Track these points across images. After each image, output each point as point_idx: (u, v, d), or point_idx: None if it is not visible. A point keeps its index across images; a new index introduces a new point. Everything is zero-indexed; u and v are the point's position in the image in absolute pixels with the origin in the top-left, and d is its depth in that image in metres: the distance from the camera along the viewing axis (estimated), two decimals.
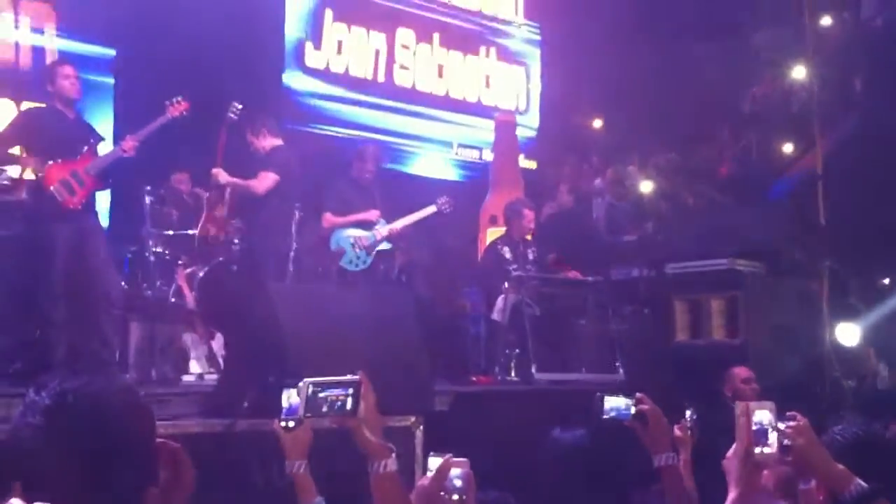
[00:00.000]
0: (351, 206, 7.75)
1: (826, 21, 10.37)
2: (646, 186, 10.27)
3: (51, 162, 5.64)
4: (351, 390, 2.52)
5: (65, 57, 6.37)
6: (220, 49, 8.53)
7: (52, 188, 5.61)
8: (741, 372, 6.27)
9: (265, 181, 6.63)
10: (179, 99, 6.12)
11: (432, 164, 11.38)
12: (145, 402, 1.75)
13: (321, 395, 2.52)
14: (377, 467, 2.48)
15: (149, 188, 6.65)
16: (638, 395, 2.78)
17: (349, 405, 2.51)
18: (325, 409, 2.52)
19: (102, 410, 1.65)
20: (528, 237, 8.07)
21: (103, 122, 7.99)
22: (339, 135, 10.43)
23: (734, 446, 2.34)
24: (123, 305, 5.90)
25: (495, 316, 7.41)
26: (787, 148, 10.86)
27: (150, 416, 1.76)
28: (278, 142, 6.89)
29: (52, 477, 1.58)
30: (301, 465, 2.81)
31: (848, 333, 7.78)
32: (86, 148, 5.85)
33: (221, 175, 6.67)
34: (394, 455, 2.50)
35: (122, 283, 6.32)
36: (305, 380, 2.55)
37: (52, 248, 5.56)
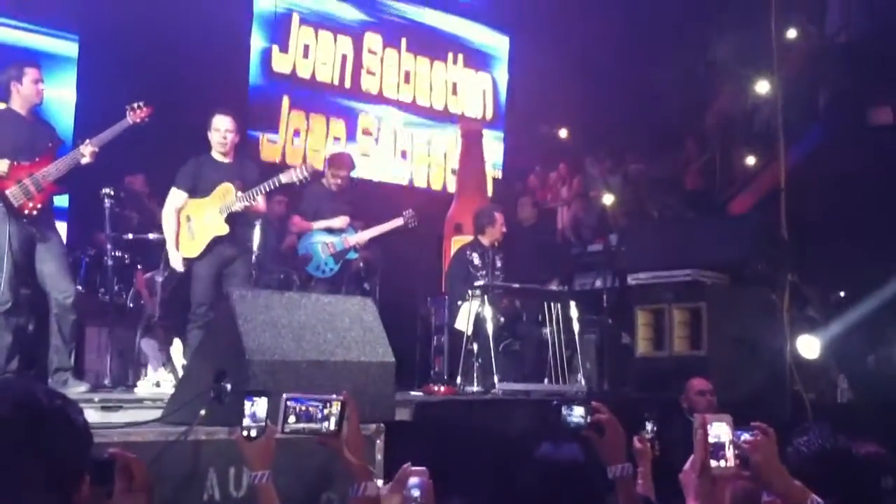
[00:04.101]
0: (321, 212, 7.70)
1: (791, 34, 10.48)
2: (609, 199, 10.31)
3: (9, 164, 5.51)
4: (334, 409, 2.47)
5: (32, 57, 6.20)
6: (186, 50, 8.46)
7: (8, 192, 5.48)
8: (697, 383, 6.30)
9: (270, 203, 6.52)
10: (141, 104, 5.88)
11: (396, 170, 11.35)
12: (82, 421, 1.69)
13: (301, 411, 2.48)
14: (357, 489, 2.44)
15: (108, 191, 6.50)
16: (595, 404, 2.75)
17: (332, 424, 2.47)
18: (305, 426, 2.47)
19: (39, 421, 1.60)
20: (496, 244, 8.05)
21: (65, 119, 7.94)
22: (302, 144, 10.40)
23: (691, 459, 2.32)
24: (79, 310, 5.76)
25: (458, 325, 7.38)
26: (750, 161, 10.96)
27: (85, 435, 1.70)
28: None
29: None
30: (264, 476, 2.76)
31: (809, 346, 7.84)
32: (45, 150, 5.70)
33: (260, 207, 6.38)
34: (375, 479, 2.46)
35: (79, 288, 6.19)
36: (284, 395, 2.51)
37: (3, 252, 5.44)
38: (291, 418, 2.48)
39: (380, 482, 2.67)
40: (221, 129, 6.32)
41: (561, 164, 11.36)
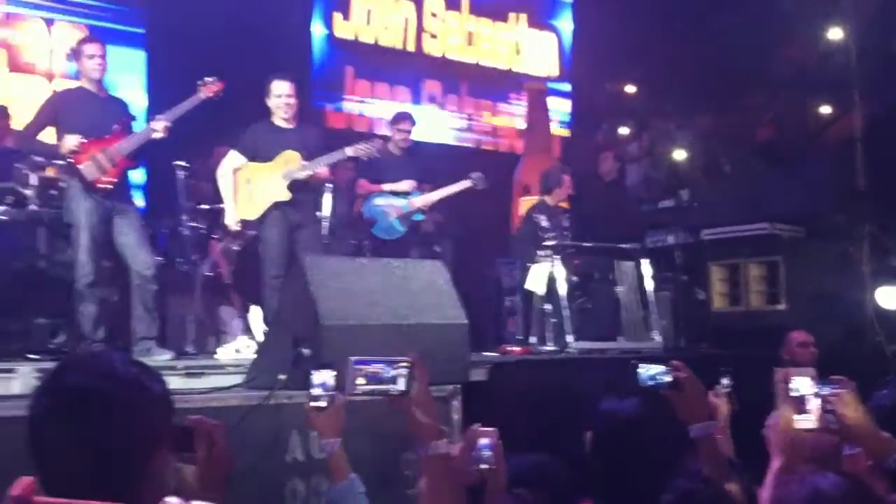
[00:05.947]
0: (385, 175, 7.73)
1: None
2: (680, 154, 10.15)
3: (83, 140, 5.64)
4: (403, 370, 2.49)
5: (93, 34, 6.26)
6: (250, 21, 8.51)
7: (81, 166, 5.60)
8: (798, 336, 6.23)
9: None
10: (213, 79, 5.91)
11: (465, 133, 11.31)
12: (160, 390, 1.73)
13: (368, 373, 2.50)
14: (428, 449, 2.46)
15: (180, 163, 6.61)
16: (674, 362, 2.71)
17: (402, 385, 2.48)
18: (373, 388, 2.50)
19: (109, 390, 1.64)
20: (564, 204, 8.01)
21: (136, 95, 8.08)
22: (367, 113, 10.43)
23: (773, 414, 2.29)
24: (160, 281, 5.89)
25: (529, 285, 7.37)
26: (825, 110, 10.67)
27: (163, 402, 1.74)
28: None
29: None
30: (335, 444, 2.80)
31: (890, 297, 7.66)
32: (117, 126, 5.79)
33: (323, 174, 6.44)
34: (445, 438, 2.48)
35: (160, 259, 6.31)
36: (351, 358, 2.53)
37: (81, 226, 5.58)
38: (360, 380, 2.50)
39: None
40: (283, 95, 6.33)
41: (629, 120, 11.20)
